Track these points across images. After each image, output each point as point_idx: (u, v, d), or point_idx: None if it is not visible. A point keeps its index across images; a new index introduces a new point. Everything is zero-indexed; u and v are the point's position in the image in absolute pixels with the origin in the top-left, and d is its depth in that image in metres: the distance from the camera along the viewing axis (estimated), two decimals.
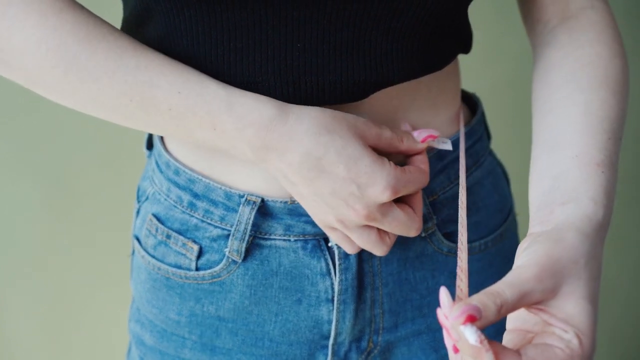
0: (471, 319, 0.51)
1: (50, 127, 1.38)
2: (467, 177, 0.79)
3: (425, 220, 0.75)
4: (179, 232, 0.76)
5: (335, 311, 0.75)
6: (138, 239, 0.81)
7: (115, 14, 0.75)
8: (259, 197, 0.71)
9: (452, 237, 0.78)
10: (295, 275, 0.74)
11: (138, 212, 0.82)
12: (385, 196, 0.65)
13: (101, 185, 1.44)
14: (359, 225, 0.67)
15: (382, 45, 0.67)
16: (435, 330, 0.80)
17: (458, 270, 0.60)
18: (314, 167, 0.64)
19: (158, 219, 0.77)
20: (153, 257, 0.78)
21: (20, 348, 1.53)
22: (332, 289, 0.75)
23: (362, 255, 0.74)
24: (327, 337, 0.77)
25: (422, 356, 0.81)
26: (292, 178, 0.65)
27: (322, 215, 0.67)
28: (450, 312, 0.51)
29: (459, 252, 0.62)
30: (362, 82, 0.67)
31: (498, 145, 0.94)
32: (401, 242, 0.75)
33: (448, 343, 0.54)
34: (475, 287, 0.80)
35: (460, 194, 0.68)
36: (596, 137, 0.65)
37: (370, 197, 0.65)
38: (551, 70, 0.72)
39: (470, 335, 0.51)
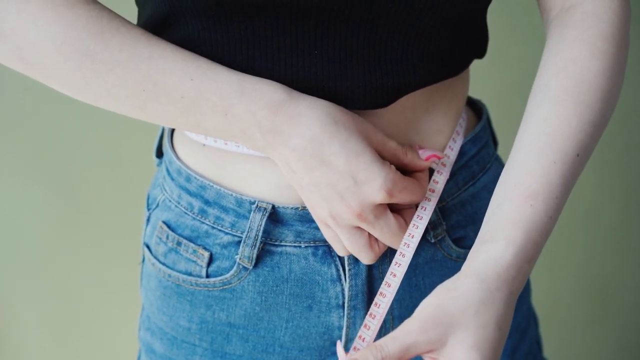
0: None
1: (57, 131, 1.39)
2: (474, 183, 0.79)
3: (435, 226, 0.75)
4: (190, 239, 0.76)
5: (345, 317, 0.75)
6: (148, 247, 0.82)
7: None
8: (269, 203, 0.72)
9: (461, 242, 0.78)
10: (306, 281, 0.74)
11: (148, 219, 0.83)
12: (380, 196, 0.65)
13: (108, 190, 1.45)
14: (350, 224, 0.67)
15: (398, 51, 0.67)
16: None
17: (368, 319, 0.64)
18: (316, 155, 0.65)
19: (169, 226, 0.78)
20: (163, 264, 0.79)
21: (25, 352, 1.53)
22: (343, 295, 0.75)
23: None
24: None
25: None
26: (294, 165, 0.66)
27: (318, 209, 0.68)
28: None
29: (378, 298, 0.65)
30: (380, 88, 0.68)
31: (505, 151, 0.94)
32: None
33: None
34: None
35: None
36: (541, 162, 0.65)
37: (365, 194, 0.65)
38: (537, 75, 0.71)
39: None
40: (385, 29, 0.66)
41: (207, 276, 0.76)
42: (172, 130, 0.81)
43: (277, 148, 0.65)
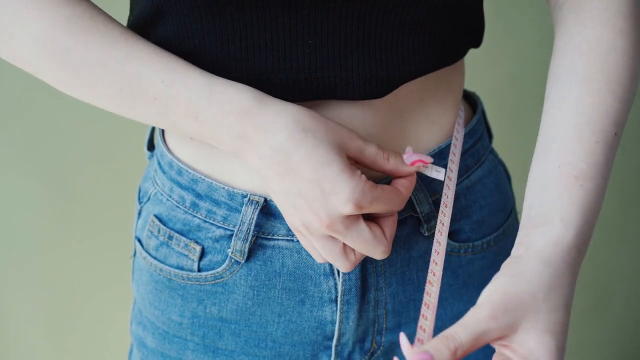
0: None
1: (51, 126, 1.38)
2: (469, 176, 0.79)
3: (429, 219, 0.75)
4: (181, 233, 0.75)
5: (338, 312, 0.75)
6: (140, 241, 0.81)
7: (120, 11, 0.75)
8: (261, 197, 0.71)
9: (455, 236, 0.78)
10: (299, 275, 0.74)
11: (139, 213, 0.82)
12: (348, 208, 0.63)
13: (101, 185, 1.44)
14: (322, 234, 0.65)
15: (392, 40, 0.67)
16: (438, 330, 0.80)
17: (423, 309, 0.62)
18: (284, 163, 0.63)
19: (160, 220, 0.77)
20: (155, 258, 0.78)
21: (20, 347, 1.53)
22: (336, 289, 0.74)
23: (366, 255, 0.74)
24: (331, 338, 0.76)
25: None
26: (265, 172, 0.64)
27: (290, 217, 0.66)
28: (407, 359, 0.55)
29: (427, 287, 0.63)
30: (374, 79, 0.67)
31: (499, 144, 0.93)
32: (405, 242, 0.75)
33: None
34: (477, 286, 0.80)
35: (438, 233, 0.68)
36: (582, 142, 0.64)
37: (333, 205, 0.63)
38: (555, 58, 0.70)
39: None
40: (379, 19, 0.66)
41: (199, 270, 0.75)
42: None
43: (246, 154, 0.64)
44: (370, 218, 0.67)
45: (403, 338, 0.58)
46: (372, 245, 0.66)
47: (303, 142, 0.62)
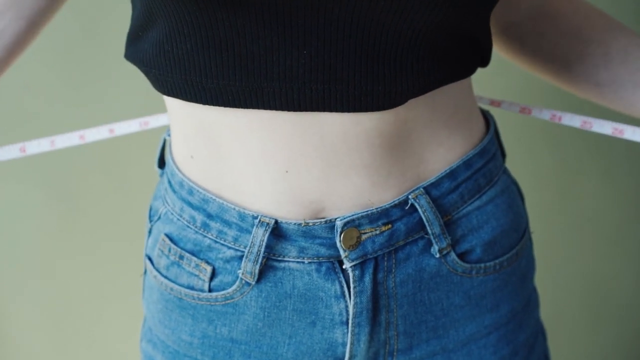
0: None
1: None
2: (481, 196, 0.78)
3: (440, 240, 0.74)
4: (192, 253, 0.75)
5: (350, 334, 0.74)
6: (150, 259, 0.81)
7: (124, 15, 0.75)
8: (272, 218, 0.71)
9: (467, 257, 0.77)
10: (309, 297, 0.73)
11: (150, 231, 0.82)
12: None
13: (108, 195, 1.44)
14: None
15: (391, 54, 0.65)
16: (450, 351, 0.79)
17: None
18: None
19: (171, 239, 0.77)
20: (166, 277, 0.78)
21: (25, 358, 1.53)
22: (347, 311, 0.74)
23: (377, 277, 0.73)
24: None
25: None
26: None
27: None
28: None
29: None
30: (370, 92, 0.65)
31: (507, 161, 0.93)
32: (416, 264, 0.74)
33: None
34: (490, 308, 0.79)
35: None
36: None
37: None
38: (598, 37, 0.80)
39: None
40: (377, 31, 0.64)
41: (210, 290, 0.75)
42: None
43: None
44: None
45: None
46: None
47: None
